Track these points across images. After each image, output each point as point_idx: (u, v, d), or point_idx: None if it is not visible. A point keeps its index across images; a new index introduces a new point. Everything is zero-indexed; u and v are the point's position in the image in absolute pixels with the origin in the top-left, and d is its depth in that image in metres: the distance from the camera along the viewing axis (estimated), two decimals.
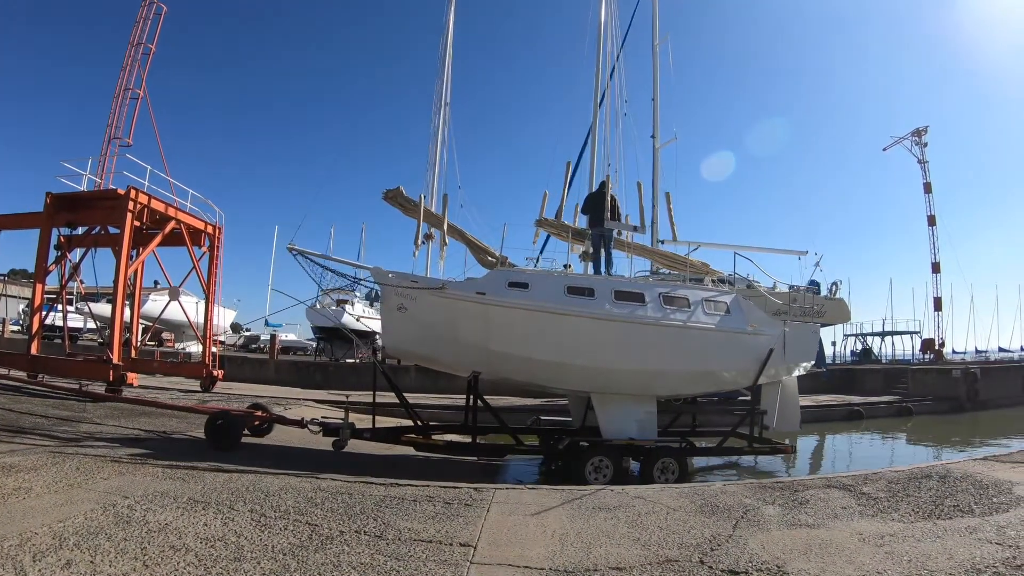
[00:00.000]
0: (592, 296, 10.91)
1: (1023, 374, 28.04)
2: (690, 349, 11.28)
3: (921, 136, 45.40)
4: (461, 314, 10.68)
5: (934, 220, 44.48)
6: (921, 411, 22.70)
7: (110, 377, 13.91)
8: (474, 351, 10.82)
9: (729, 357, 11.71)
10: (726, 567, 4.09)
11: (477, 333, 10.67)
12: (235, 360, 25.80)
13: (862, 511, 5.63)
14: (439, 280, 11.11)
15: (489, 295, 10.63)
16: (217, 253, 18.28)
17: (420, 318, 10.72)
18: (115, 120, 22.50)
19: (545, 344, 10.70)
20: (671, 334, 11.12)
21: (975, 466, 7.70)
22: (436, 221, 12.99)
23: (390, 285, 10.90)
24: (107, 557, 3.83)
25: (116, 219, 14.80)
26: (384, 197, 12.50)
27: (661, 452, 10.38)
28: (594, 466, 9.89)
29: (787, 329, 12.08)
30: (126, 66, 23.01)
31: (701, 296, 11.64)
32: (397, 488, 6.43)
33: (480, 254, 13.11)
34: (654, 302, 11.15)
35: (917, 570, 3.99)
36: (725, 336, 11.55)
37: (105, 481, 5.99)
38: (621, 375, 11.01)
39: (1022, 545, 4.44)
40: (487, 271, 12.25)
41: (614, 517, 5.42)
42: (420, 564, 4.01)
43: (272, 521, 4.89)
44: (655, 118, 14.47)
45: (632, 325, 10.88)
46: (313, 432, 10.66)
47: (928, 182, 44.65)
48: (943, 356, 42.85)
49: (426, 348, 11.18)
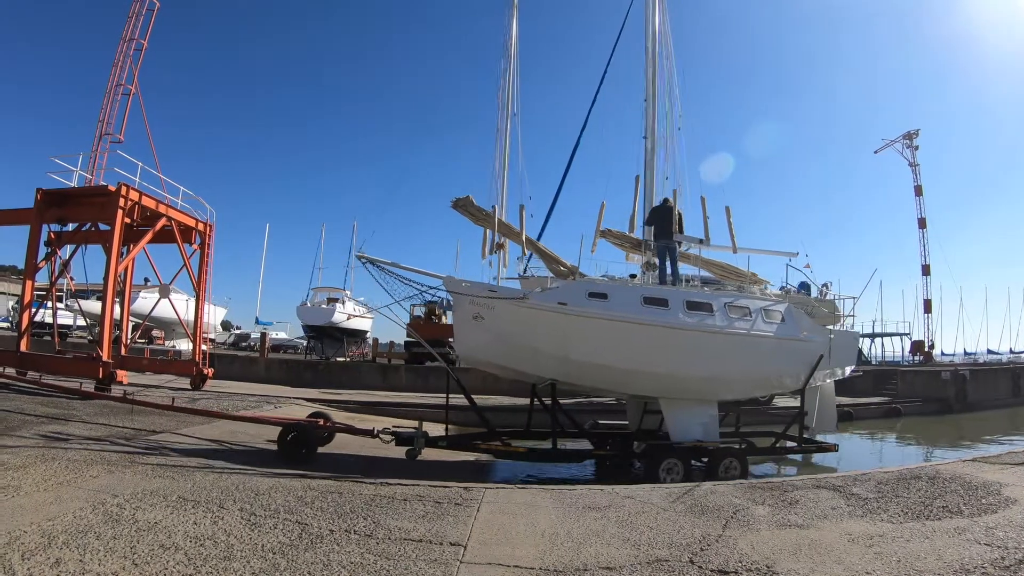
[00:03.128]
0: (666, 306, 11.34)
1: (1011, 376, 28.17)
2: (752, 356, 11.87)
3: (912, 139, 45.71)
4: (542, 324, 10.89)
5: (924, 223, 44.79)
6: (910, 412, 22.77)
7: (100, 375, 13.83)
8: (553, 360, 11.08)
9: (785, 363, 12.29)
10: (716, 567, 4.10)
11: (557, 343, 10.92)
12: (225, 358, 25.65)
13: (851, 511, 5.65)
14: (519, 290, 11.34)
15: (571, 305, 10.88)
16: (208, 250, 18.24)
17: (498, 328, 10.91)
18: (106, 116, 22.45)
19: (623, 353, 11.02)
20: (736, 342, 11.64)
21: (964, 467, 7.74)
22: (508, 231, 13.17)
23: (467, 295, 11.02)
24: (96, 556, 3.81)
25: (107, 216, 14.72)
26: (453, 205, 12.55)
27: (725, 453, 10.86)
28: (666, 468, 10.30)
29: (832, 336, 12.77)
30: (118, 61, 22.93)
31: (760, 305, 12.21)
32: (387, 487, 6.43)
33: (553, 264, 13.37)
34: (720, 311, 11.69)
35: (906, 570, 4.00)
36: (782, 343, 12.13)
37: (94, 479, 5.96)
38: (691, 381, 11.47)
39: (1011, 546, 4.46)
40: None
41: (604, 517, 5.43)
42: (410, 563, 4.01)
43: (262, 520, 4.88)
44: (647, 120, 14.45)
45: (703, 334, 11.36)
46: (385, 441, 10.58)
47: (919, 185, 44.97)
48: (932, 358, 43.12)
49: (503, 357, 11.39)
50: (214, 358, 20.21)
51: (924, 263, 45.05)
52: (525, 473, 11.30)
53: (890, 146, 47.17)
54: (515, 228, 13.19)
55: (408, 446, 10.53)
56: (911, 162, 45.44)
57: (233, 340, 46.50)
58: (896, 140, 46.75)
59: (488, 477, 10.82)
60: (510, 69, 18.36)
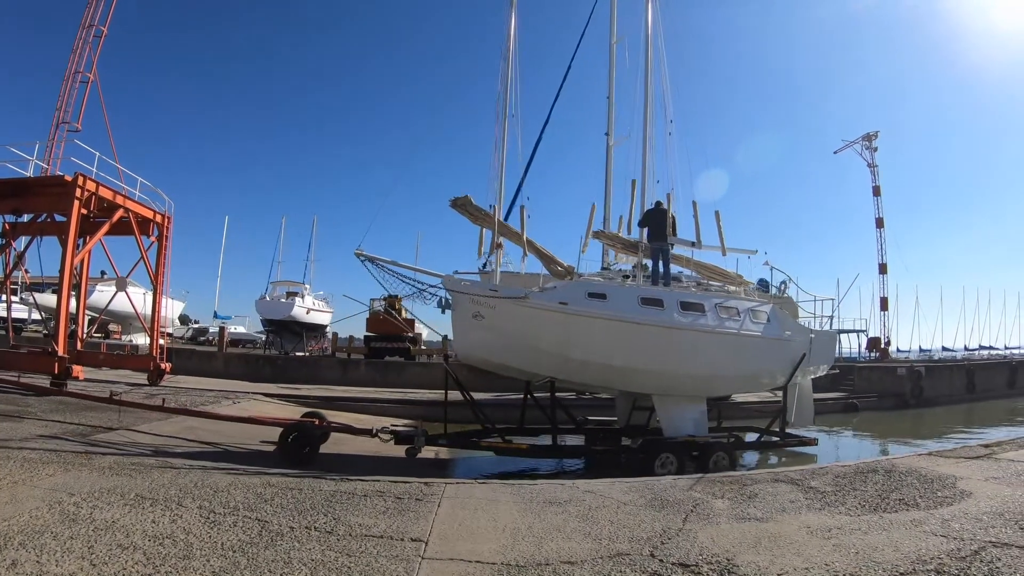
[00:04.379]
0: (662, 307, 11.76)
1: (966, 373, 28.98)
2: (741, 354, 12.46)
3: (871, 140, 46.67)
4: (543, 323, 11.13)
5: (882, 222, 45.81)
6: (867, 407, 23.27)
7: (55, 370, 13.49)
8: (553, 358, 11.36)
9: (771, 361, 12.92)
10: (676, 560, 4.13)
11: (558, 341, 11.19)
12: (183, 352, 25.26)
13: (810, 505, 5.72)
14: (521, 290, 11.49)
15: (571, 305, 11.15)
16: (166, 243, 17.88)
17: (499, 326, 11.11)
18: (64, 104, 21.83)
19: (621, 351, 11.39)
20: (727, 341, 12.18)
21: (920, 461, 7.87)
22: (506, 231, 13.31)
23: (468, 293, 11.20)
24: (53, 556, 3.72)
25: (63, 207, 14.41)
26: (452, 205, 12.65)
27: (715, 447, 11.35)
28: (661, 462, 10.74)
29: (813, 336, 13.45)
30: (76, 48, 22.30)
31: (747, 306, 12.76)
32: (347, 483, 6.39)
33: (551, 265, 13.70)
34: (712, 311, 12.17)
35: (864, 562, 4.06)
36: (768, 343, 12.75)
37: (50, 478, 5.82)
38: (685, 378, 11.95)
39: (966, 537, 4.54)
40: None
41: (565, 511, 5.45)
42: (371, 560, 3.98)
43: (221, 518, 4.81)
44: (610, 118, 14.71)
45: (696, 333, 11.83)
46: (384, 440, 10.60)
47: (877, 185, 45.95)
48: (889, 354, 44.22)
49: (503, 355, 11.56)
50: (171, 353, 19.84)
51: (881, 262, 46.15)
52: (485, 468, 11.38)
53: (849, 147, 48.13)
54: (513, 228, 13.40)
55: (408, 444, 10.64)
56: (870, 163, 46.41)
57: (191, 334, 45.50)
58: (856, 141, 47.66)
59: (448, 473, 10.84)
60: (508, 69, 18.33)
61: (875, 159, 46.21)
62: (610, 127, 14.64)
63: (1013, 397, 28.54)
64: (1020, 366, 33.10)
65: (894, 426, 20.30)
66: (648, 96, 15.53)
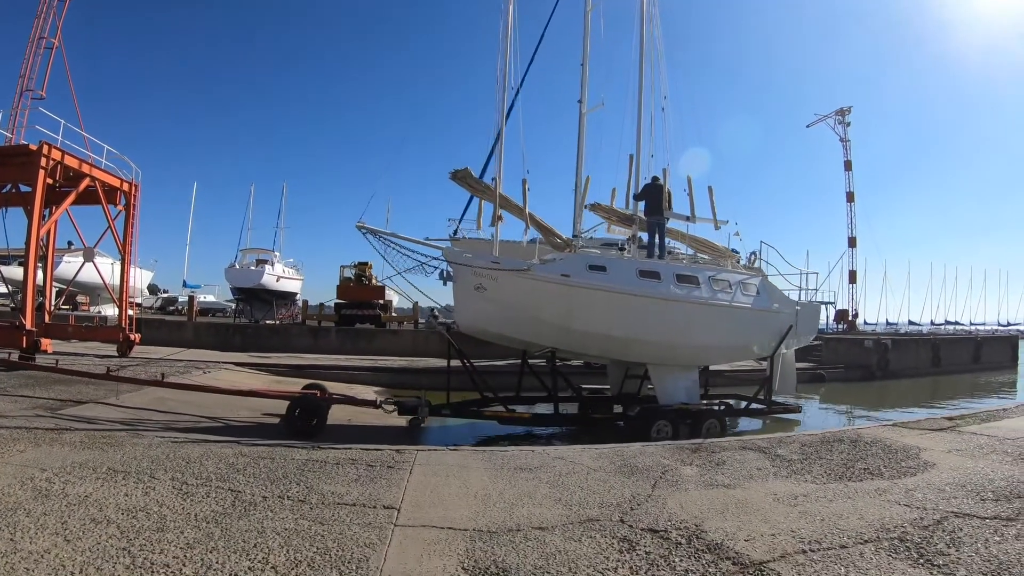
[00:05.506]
0: (659, 279, 12.10)
1: (932, 347, 29.65)
2: (733, 325, 12.92)
3: (844, 115, 47.26)
4: (545, 295, 11.36)
5: (853, 196, 46.68)
6: (834, 378, 23.72)
7: (23, 344, 13.27)
8: (556, 330, 11.64)
9: (760, 332, 13.40)
10: (646, 526, 4.20)
11: (560, 313, 11.46)
12: (152, 323, 24.95)
13: (776, 472, 5.83)
14: (523, 262, 11.63)
15: (573, 277, 11.41)
16: (133, 212, 17.55)
17: (501, 298, 11.34)
18: (27, 71, 21.11)
19: (621, 322, 11.69)
20: (720, 313, 12.60)
21: (885, 432, 8.02)
22: (507, 204, 13.39)
23: (469, 265, 11.36)
24: (27, 533, 3.69)
25: (27, 176, 14.06)
26: (452, 177, 12.77)
27: (708, 414, 11.88)
28: (657, 428, 11.23)
29: (799, 308, 13.96)
30: (40, 12, 21.47)
31: (738, 279, 13.16)
32: (319, 451, 6.39)
33: (550, 237, 13.91)
34: (706, 284, 12.57)
35: (829, 529, 4.15)
36: (758, 314, 13.23)
37: (21, 454, 5.74)
38: (680, 348, 12.37)
39: (929, 507, 4.65)
40: None
41: (536, 478, 5.51)
42: (344, 528, 4.01)
43: (194, 489, 4.80)
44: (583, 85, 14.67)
45: (691, 305, 12.22)
46: (387, 411, 10.76)
47: (848, 160, 46.73)
48: (856, 327, 45.26)
49: (504, 327, 11.79)
50: (140, 323, 19.57)
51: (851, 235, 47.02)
52: (457, 434, 11.54)
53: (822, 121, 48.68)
54: (513, 201, 13.48)
55: (411, 415, 10.83)
56: (842, 138, 47.06)
57: (160, 304, 44.92)
58: (828, 115, 48.29)
59: (420, 440, 10.97)
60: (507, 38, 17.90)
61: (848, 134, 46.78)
62: (583, 94, 14.63)
63: (977, 372, 29.32)
64: (985, 342, 34.08)
65: (860, 397, 20.68)
66: (642, 68, 15.63)
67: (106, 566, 3.29)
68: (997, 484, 5.30)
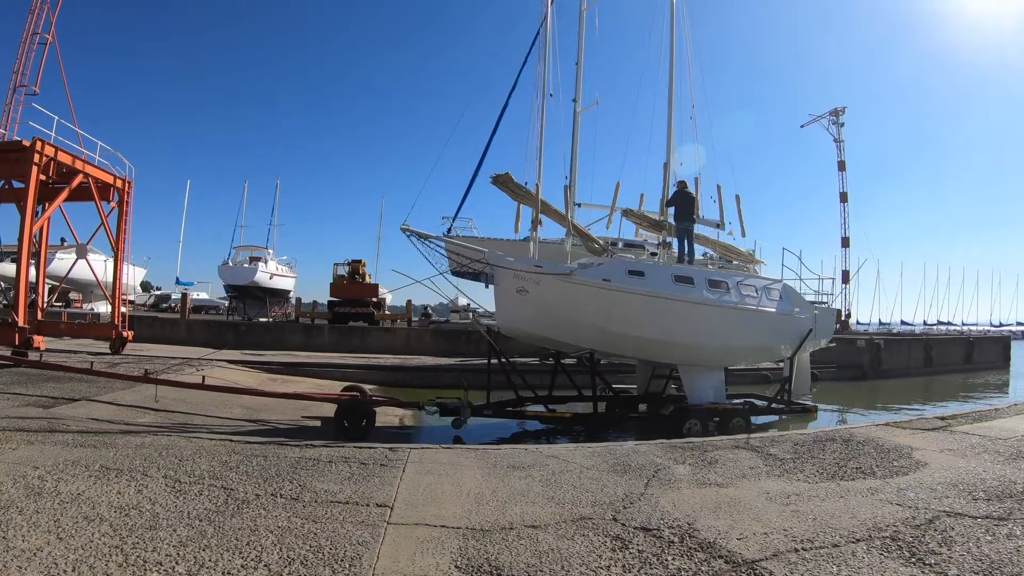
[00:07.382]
0: (693, 284, 12.51)
1: (924, 347, 29.71)
2: (759, 328, 13.36)
3: (838, 116, 47.36)
4: (586, 298, 11.71)
5: (846, 197, 46.78)
6: (826, 378, 23.53)
7: (16, 341, 13.21)
8: (595, 332, 11.97)
9: (782, 335, 13.84)
10: (639, 524, 4.21)
11: (599, 315, 11.77)
12: (145, 320, 24.81)
13: (769, 471, 5.84)
14: (566, 267, 12.09)
15: (613, 282, 11.78)
16: (127, 208, 17.50)
17: (542, 301, 11.66)
18: (21, 67, 21.06)
19: (657, 325, 12.06)
20: (747, 316, 13.03)
21: (877, 431, 8.04)
22: (547, 209, 13.79)
23: (513, 269, 11.71)
24: (20, 531, 3.67)
25: (21, 172, 14.03)
26: (493, 181, 13.01)
27: (733, 413, 12.23)
28: (688, 426, 11.58)
29: (817, 312, 14.52)
30: (34, 8, 21.40)
31: (763, 284, 13.71)
32: (312, 449, 6.37)
33: (588, 242, 14.51)
34: (735, 289, 13.00)
35: (821, 528, 4.16)
36: (781, 318, 13.68)
37: (14, 452, 5.71)
38: (710, 350, 12.77)
39: (920, 506, 4.66)
40: None
41: (529, 476, 5.50)
42: (337, 526, 4.00)
43: (187, 487, 4.79)
44: (578, 83, 14.67)
45: (722, 308, 12.60)
46: (430, 413, 11.13)
47: (842, 160, 46.78)
48: (849, 327, 45.36)
49: (544, 329, 12.14)
50: (133, 320, 19.51)
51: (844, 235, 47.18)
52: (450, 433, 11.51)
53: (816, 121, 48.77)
54: (553, 206, 13.92)
55: (454, 416, 11.11)
56: (836, 138, 47.15)
57: (153, 301, 44.68)
58: (823, 116, 48.35)
59: (413, 439, 11.03)
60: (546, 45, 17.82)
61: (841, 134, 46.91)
62: (578, 93, 14.62)
63: (969, 372, 29.42)
64: (977, 342, 34.18)
65: (852, 397, 20.77)
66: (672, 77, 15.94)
67: (99, 564, 3.28)
68: (989, 483, 5.32)
